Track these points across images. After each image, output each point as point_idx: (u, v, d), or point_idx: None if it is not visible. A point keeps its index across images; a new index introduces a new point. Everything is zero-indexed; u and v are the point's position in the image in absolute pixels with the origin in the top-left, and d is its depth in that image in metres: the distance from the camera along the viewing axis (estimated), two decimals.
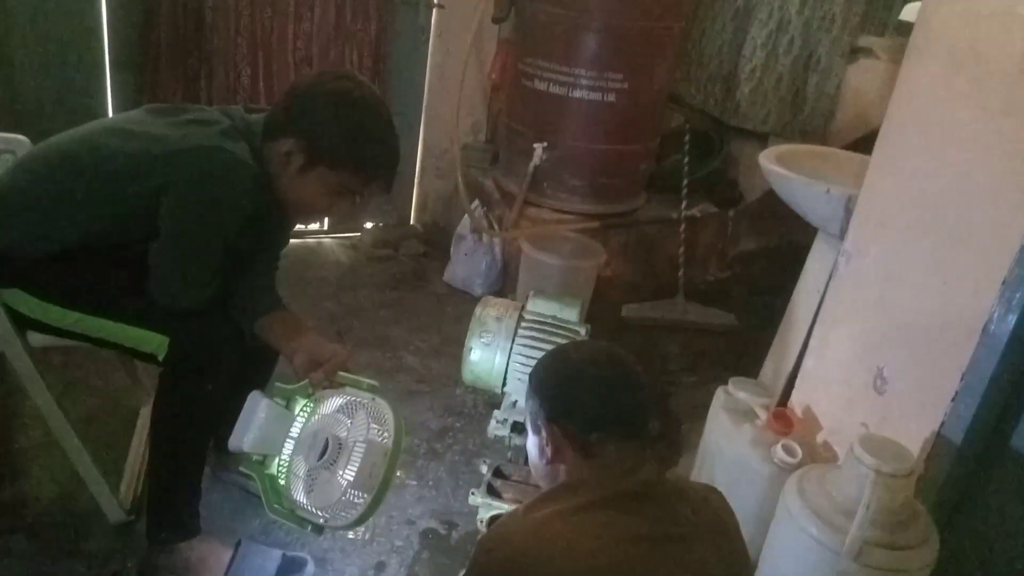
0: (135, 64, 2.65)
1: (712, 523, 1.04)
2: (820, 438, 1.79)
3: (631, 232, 2.94)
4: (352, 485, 1.17)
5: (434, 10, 2.99)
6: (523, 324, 1.63)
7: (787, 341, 2.19)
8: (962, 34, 1.42)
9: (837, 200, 1.80)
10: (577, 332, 1.64)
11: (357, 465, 1.17)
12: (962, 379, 1.46)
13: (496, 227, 2.91)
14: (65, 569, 1.51)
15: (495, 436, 1.68)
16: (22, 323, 1.39)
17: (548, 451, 1.08)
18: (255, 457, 1.30)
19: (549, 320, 1.65)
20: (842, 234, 1.86)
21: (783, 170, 1.91)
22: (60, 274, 1.35)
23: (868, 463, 1.40)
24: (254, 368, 1.55)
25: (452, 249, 3.03)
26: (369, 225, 3.24)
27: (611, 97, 2.64)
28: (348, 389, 1.29)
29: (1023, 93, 1.33)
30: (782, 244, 3.44)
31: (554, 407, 1.08)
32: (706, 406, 2.46)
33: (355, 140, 1.33)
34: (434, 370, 2.40)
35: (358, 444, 1.18)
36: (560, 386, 1.08)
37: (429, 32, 3.03)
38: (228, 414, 1.32)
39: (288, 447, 1.31)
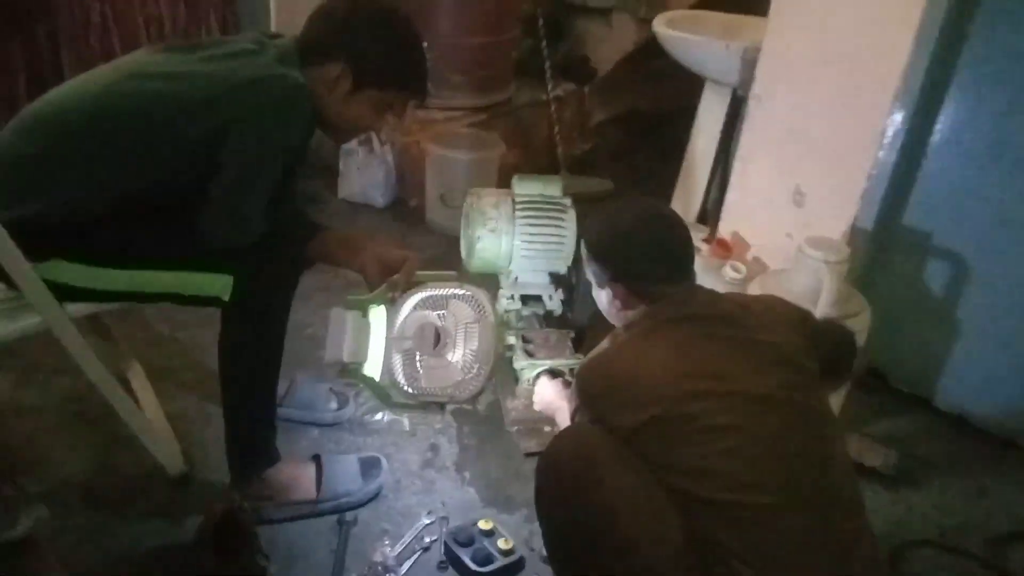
0: None
1: (769, 320, 1.23)
2: (750, 255, 2.16)
3: (511, 119, 3.12)
4: (477, 360, 1.32)
5: None
6: (518, 206, 1.80)
7: (690, 182, 2.53)
8: None
9: (735, 54, 2.11)
10: (564, 204, 1.84)
11: (475, 344, 1.32)
12: (868, 179, 1.86)
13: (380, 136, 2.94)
14: (152, 529, 1.52)
15: (507, 311, 1.87)
16: (63, 295, 1.33)
17: (617, 304, 1.27)
18: (351, 366, 1.39)
19: (538, 198, 1.82)
20: (740, 84, 2.19)
21: (683, 34, 2.18)
22: (106, 234, 1.30)
23: (818, 256, 1.77)
24: None
25: (341, 166, 3.03)
26: None
27: None
28: (432, 284, 1.41)
29: None
30: (628, 111, 3.79)
31: (615, 268, 1.25)
32: None
33: (401, 59, 1.38)
34: None
35: (470, 325, 1.33)
36: (617, 249, 1.25)
37: None
38: None
39: (376, 350, 1.41)
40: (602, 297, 1.32)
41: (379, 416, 1.86)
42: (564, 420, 1.43)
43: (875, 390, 2.07)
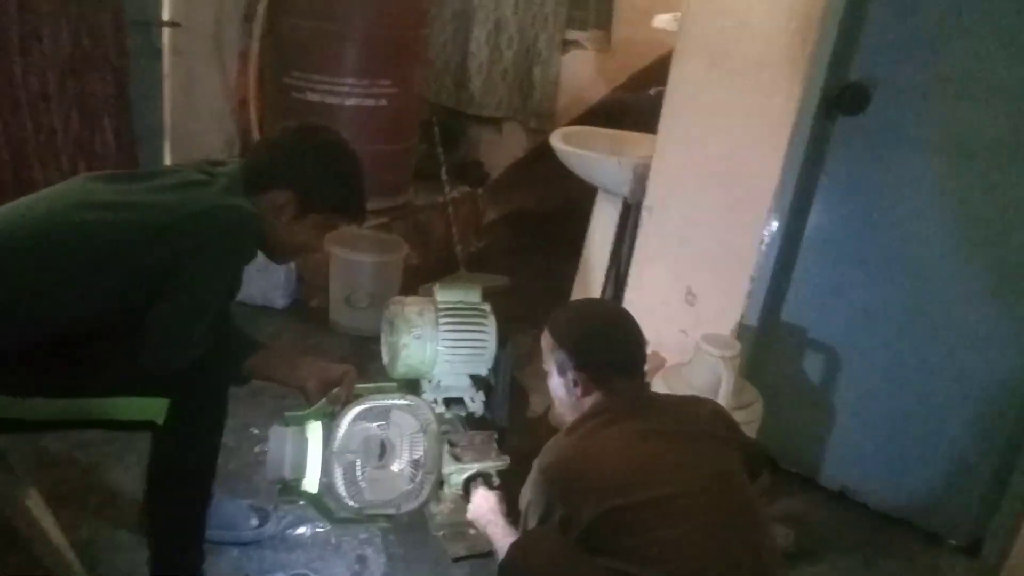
0: None
1: (706, 420, 1.40)
2: (649, 349, 2.32)
3: (410, 220, 3.22)
4: (425, 470, 1.36)
5: (167, 29, 2.88)
6: (441, 313, 1.87)
7: (587, 282, 2.71)
8: (715, 41, 1.99)
9: (627, 168, 2.33)
10: (484, 310, 1.93)
11: (419, 453, 1.36)
12: (751, 280, 2.08)
13: None
14: None
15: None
16: None
17: (577, 391, 1.39)
18: (292, 483, 1.40)
19: (460, 305, 1.91)
20: (631, 195, 2.40)
21: (579, 150, 2.38)
22: (40, 364, 1.25)
23: (715, 353, 1.95)
24: None
25: None
26: None
27: (383, 101, 2.87)
28: (372, 396, 1.44)
29: (760, 80, 1.95)
30: (518, 210, 4.00)
31: (583, 356, 1.39)
32: (530, 354, 2.89)
33: (345, 187, 1.46)
34: None
35: (415, 435, 1.37)
36: (586, 341, 1.40)
37: (163, 52, 2.92)
38: None
39: (315, 465, 1.42)
40: (561, 385, 1.42)
41: (302, 530, 1.83)
42: (496, 534, 1.49)
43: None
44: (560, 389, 1.43)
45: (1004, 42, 1.74)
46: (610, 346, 1.40)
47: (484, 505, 1.61)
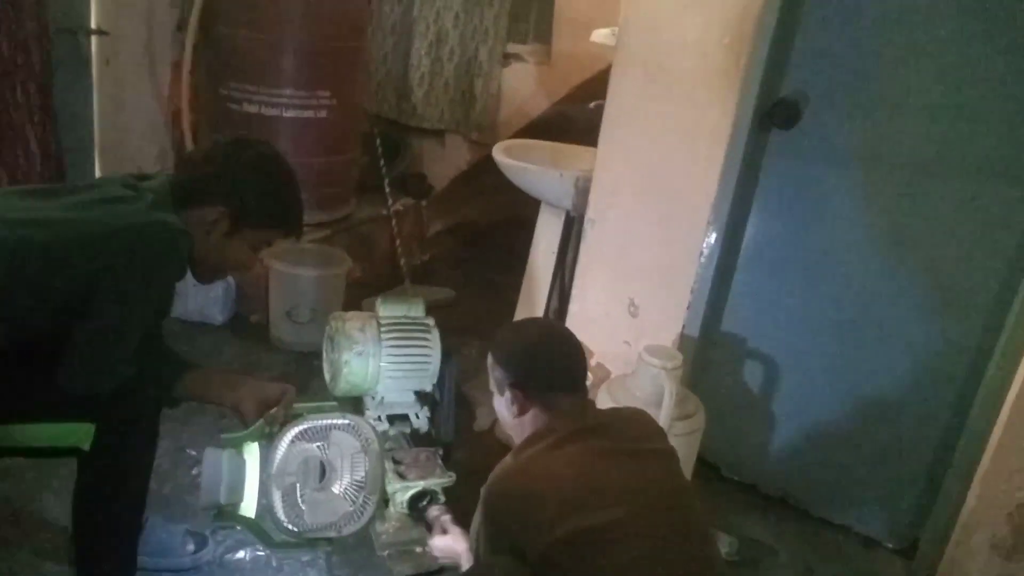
0: None
1: (650, 436, 1.41)
2: (593, 361, 2.33)
3: (352, 234, 3.18)
4: (363, 490, 1.33)
5: (95, 38, 2.79)
6: (384, 328, 1.84)
7: (532, 295, 2.70)
8: (652, 55, 2.02)
9: (568, 181, 2.33)
10: (427, 324, 1.91)
11: (361, 473, 1.33)
12: (692, 292, 2.11)
13: None
14: None
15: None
16: None
17: (514, 409, 1.38)
18: (228, 508, 1.35)
19: (403, 320, 1.88)
20: (574, 208, 2.41)
21: (521, 162, 2.38)
22: None
23: (658, 364, 1.96)
24: None
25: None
26: None
27: (322, 113, 2.82)
28: (311, 416, 1.41)
29: (696, 94, 1.98)
30: (462, 222, 3.99)
31: (515, 375, 1.38)
32: (476, 367, 2.87)
33: (280, 201, 1.42)
34: None
35: (356, 455, 1.34)
36: (519, 358, 1.38)
37: (91, 61, 2.82)
38: None
39: (252, 489, 1.38)
40: (502, 403, 1.41)
41: (241, 554, 1.77)
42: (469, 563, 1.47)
43: (711, 480, 2.28)
44: (502, 408, 1.41)
45: (926, 62, 1.82)
46: (546, 363, 1.38)
47: (447, 540, 1.59)
